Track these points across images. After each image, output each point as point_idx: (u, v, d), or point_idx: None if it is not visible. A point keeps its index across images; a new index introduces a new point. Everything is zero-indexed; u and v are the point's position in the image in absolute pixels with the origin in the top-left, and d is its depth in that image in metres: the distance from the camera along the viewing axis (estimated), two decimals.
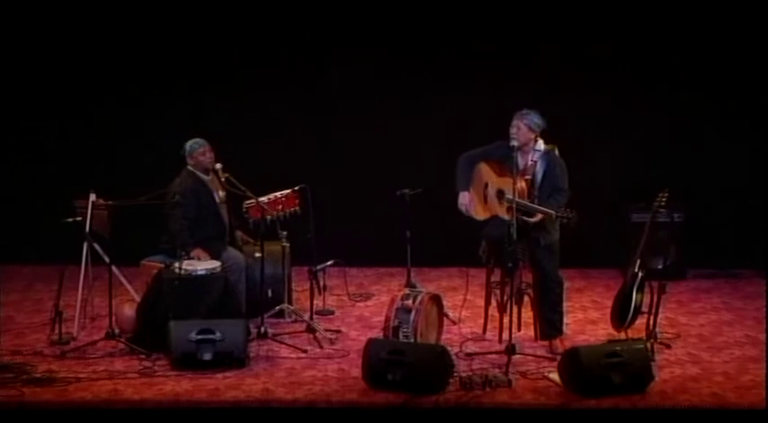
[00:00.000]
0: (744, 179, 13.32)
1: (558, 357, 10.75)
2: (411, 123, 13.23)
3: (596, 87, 13.21)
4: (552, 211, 10.80)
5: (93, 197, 11.51)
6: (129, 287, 11.92)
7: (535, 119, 11.06)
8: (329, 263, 12.19)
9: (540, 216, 10.83)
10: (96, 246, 11.59)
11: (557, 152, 11.18)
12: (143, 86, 13.31)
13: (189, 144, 11.72)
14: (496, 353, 10.99)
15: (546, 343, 11.28)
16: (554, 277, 11.22)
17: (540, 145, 11.14)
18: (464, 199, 11.25)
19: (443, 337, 11.45)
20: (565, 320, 11.48)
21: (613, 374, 10.39)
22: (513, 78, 12.87)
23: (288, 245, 11.93)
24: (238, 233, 12.07)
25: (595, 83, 13.20)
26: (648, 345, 10.95)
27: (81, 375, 10.66)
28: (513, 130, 11.02)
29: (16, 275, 13.25)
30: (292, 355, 11.21)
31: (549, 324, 11.29)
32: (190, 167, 11.73)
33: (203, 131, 11.87)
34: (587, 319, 12.16)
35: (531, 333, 11.44)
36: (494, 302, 11.51)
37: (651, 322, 11.28)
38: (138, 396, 10.35)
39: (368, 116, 13.30)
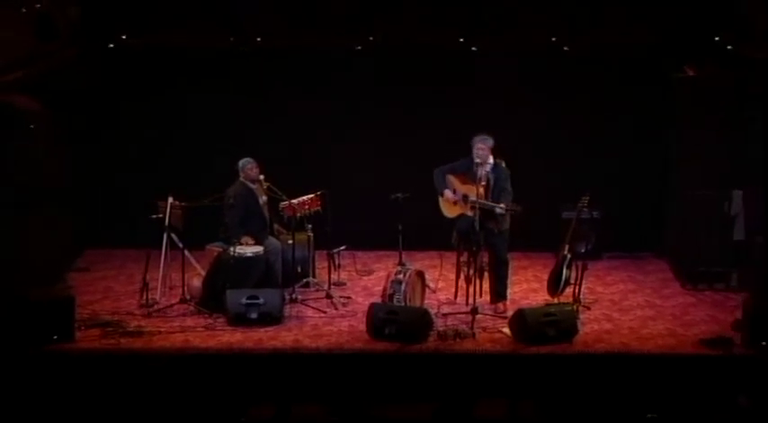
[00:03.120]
0: (645, 186, 13.27)
1: (507, 316, 10.83)
2: (403, 146, 13.16)
3: (533, 116, 13.12)
4: (503, 206, 10.84)
5: (170, 199, 11.49)
6: (196, 265, 11.88)
7: (491, 141, 11.11)
8: (342, 247, 12.13)
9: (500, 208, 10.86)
10: (173, 235, 11.56)
11: (504, 164, 11.19)
12: (205, 122, 13.22)
13: (241, 161, 11.69)
14: (464, 313, 10.99)
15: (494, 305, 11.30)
16: (503, 258, 11.23)
17: (491, 159, 11.15)
18: (449, 194, 11.25)
19: (426, 301, 11.43)
20: (509, 290, 11.47)
21: (549, 329, 10.42)
22: (474, 112, 12.81)
23: (312, 234, 11.91)
24: (276, 226, 12.02)
25: (533, 112, 13.11)
26: (575, 307, 10.98)
27: (162, 329, 10.71)
28: (479, 152, 11.04)
29: (114, 257, 13.16)
30: (315, 315, 11.21)
31: (497, 292, 11.31)
32: (241, 179, 11.70)
33: (252, 152, 11.84)
34: (530, 288, 12.11)
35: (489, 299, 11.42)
36: (462, 276, 11.51)
37: (576, 291, 11.31)
38: (204, 345, 10.42)
39: (371, 140, 13.23)
